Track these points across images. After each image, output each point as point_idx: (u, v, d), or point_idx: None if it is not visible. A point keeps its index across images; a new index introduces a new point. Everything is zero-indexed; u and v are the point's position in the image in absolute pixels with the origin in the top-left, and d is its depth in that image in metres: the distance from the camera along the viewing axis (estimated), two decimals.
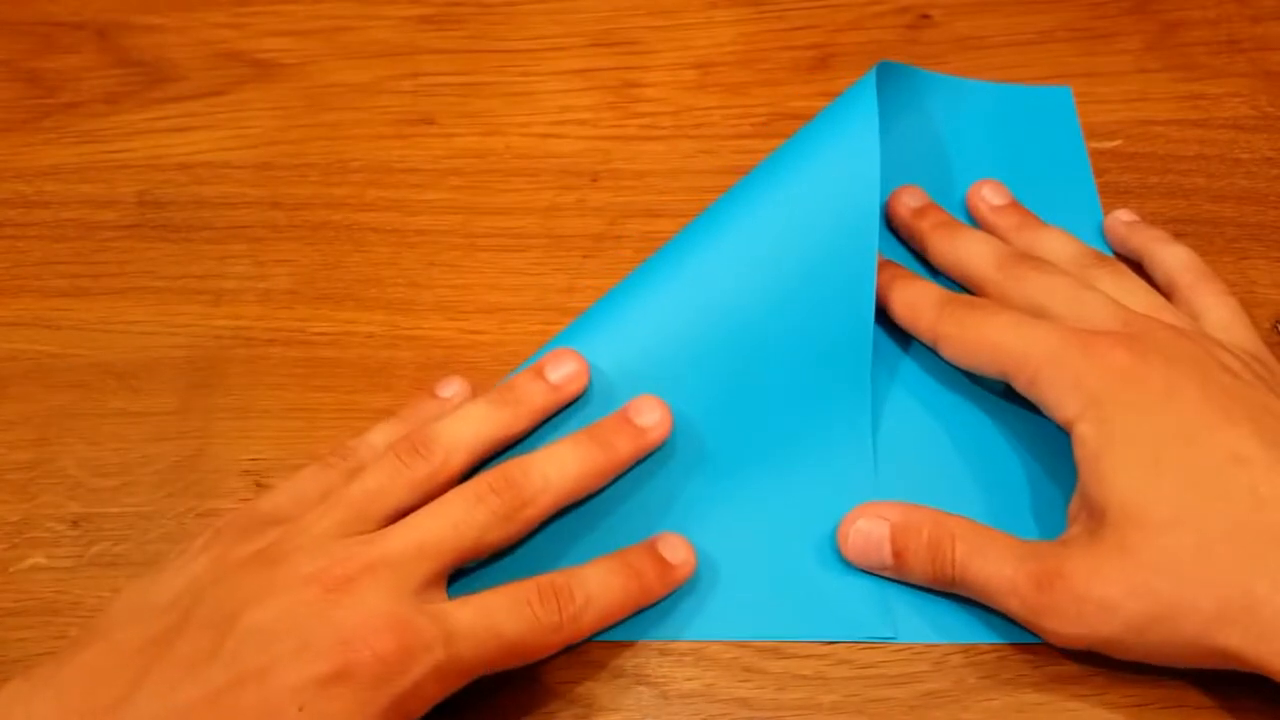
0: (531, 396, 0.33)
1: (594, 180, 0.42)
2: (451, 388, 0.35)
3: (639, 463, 0.34)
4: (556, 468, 0.31)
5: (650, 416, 0.33)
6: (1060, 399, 0.30)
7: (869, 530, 0.32)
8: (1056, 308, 0.32)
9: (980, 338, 0.33)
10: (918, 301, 0.35)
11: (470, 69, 0.45)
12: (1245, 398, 0.29)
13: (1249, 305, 0.38)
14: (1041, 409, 0.32)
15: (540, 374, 0.34)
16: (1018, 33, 0.44)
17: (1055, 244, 0.36)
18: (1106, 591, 0.28)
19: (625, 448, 0.33)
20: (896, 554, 0.31)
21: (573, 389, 0.34)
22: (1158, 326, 0.31)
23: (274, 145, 0.43)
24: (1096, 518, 0.29)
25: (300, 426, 0.37)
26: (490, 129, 0.43)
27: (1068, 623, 0.28)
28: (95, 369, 0.38)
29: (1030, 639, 0.32)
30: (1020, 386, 0.32)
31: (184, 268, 0.40)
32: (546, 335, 0.38)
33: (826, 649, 0.32)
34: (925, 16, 0.45)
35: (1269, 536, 0.27)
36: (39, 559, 0.35)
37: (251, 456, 0.36)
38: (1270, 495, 0.27)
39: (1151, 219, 0.40)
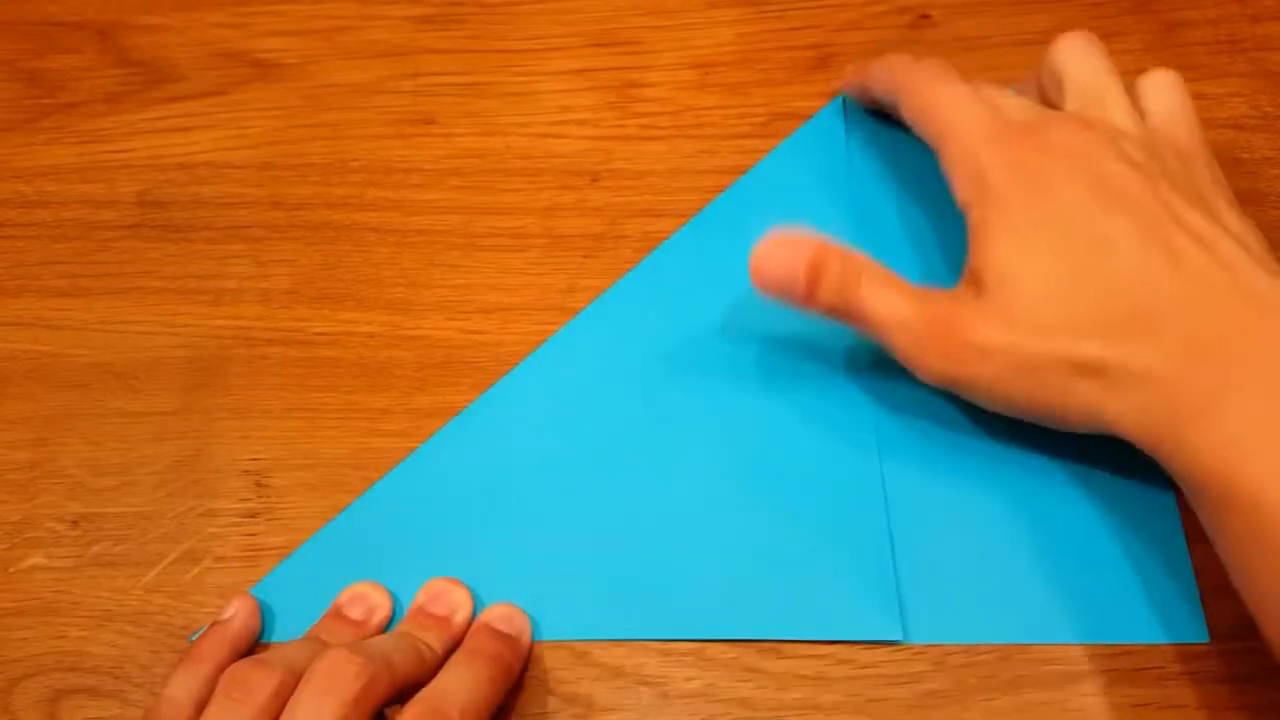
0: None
1: (594, 180, 0.42)
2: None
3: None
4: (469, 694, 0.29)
5: (515, 626, 0.33)
6: (962, 183, 0.33)
7: (786, 256, 0.32)
8: (997, 99, 0.34)
9: (926, 102, 0.35)
10: (896, 59, 0.37)
11: (470, 69, 0.45)
12: (1131, 192, 0.31)
13: None
14: (949, 183, 0.34)
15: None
16: (1018, 33, 0.44)
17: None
18: (986, 340, 0.30)
19: (506, 654, 0.31)
20: (809, 281, 0.32)
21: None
22: (1068, 122, 0.33)
23: (274, 145, 0.43)
24: (979, 285, 0.31)
25: (300, 426, 0.37)
26: (490, 129, 0.43)
27: (947, 362, 0.31)
28: (95, 369, 0.38)
29: (1032, 639, 0.32)
30: (940, 160, 0.34)
31: (184, 268, 0.40)
32: (546, 335, 0.38)
33: (827, 649, 0.32)
34: (925, 16, 0.45)
35: (1125, 314, 0.29)
36: (39, 559, 0.35)
37: (251, 456, 0.36)
38: (1132, 279, 0.30)
39: None
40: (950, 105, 0.34)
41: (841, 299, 0.32)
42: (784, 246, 0.33)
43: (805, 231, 0.33)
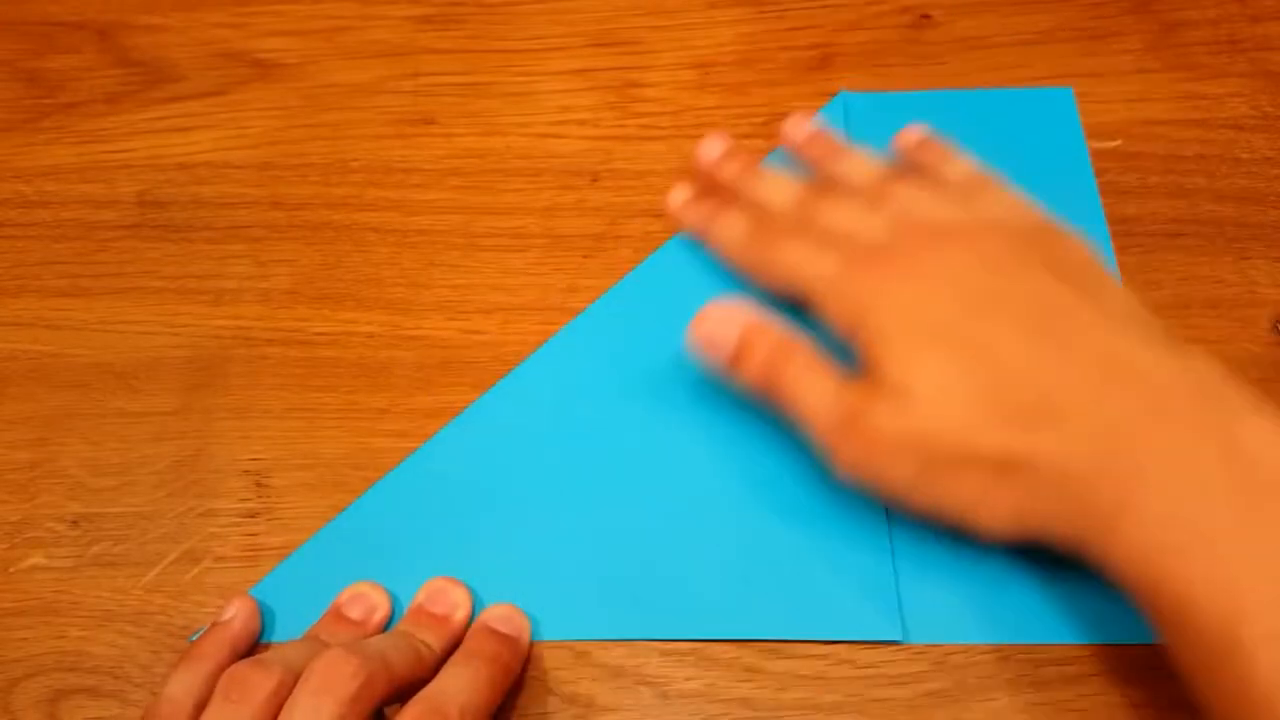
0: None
1: (594, 180, 0.42)
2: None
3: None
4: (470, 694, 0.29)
5: (514, 626, 0.32)
6: (839, 318, 0.33)
7: (719, 326, 0.33)
8: (841, 231, 0.34)
9: (772, 267, 0.35)
10: (728, 234, 0.37)
11: (470, 69, 0.45)
12: (1001, 291, 0.31)
13: (1249, 305, 0.38)
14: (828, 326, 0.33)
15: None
16: (1018, 32, 0.44)
17: (857, 168, 0.37)
18: (896, 435, 0.30)
19: (506, 654, 0.31)
20: (736, 354, 0.33)
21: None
22: (925, 238, 0.33)
23: (274, 145, 0.43)
24: (885, 396, 0.31)
25: (300, 426, 0.37)
26: (490, 129, 0.43)
27: (861, 459, 0.31)
28: (95, 369, 0.38)
29: (1032, 639, 0.32)
30: (811, 310, 0.34)
31: (184, 268, 0.40)
32: (546, 335, 0.38)
33: (827, 649, 0.32)
34: (926, 16, 0.45)
35: (1025, 407, 0.29)
36: (39, 559, 0.35)
37: (251, 456, 0.36)
38: (1024, 372, 0.29)
39: (1152, 219, 0.40)
40: (799, 265, 0.34)
41: (766, 378, 0.32)
42: (722, 314, 0.33)
43: (746, 309, 0.33)
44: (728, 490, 0.35)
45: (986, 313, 0.31)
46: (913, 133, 0.38)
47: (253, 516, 0.35)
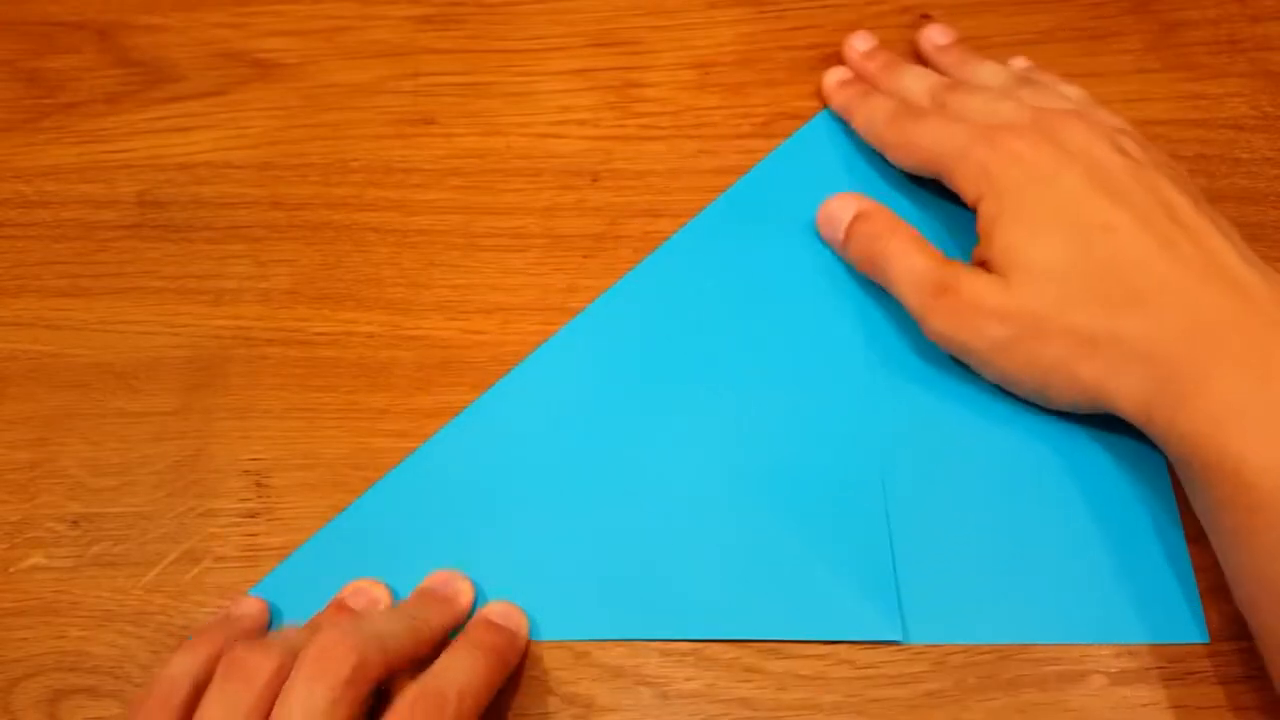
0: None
1: (594, 180, 0.42)
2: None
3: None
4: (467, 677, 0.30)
5: (512, 622, 0.33)
6: (968, 184, 0.35)
7: (839, 206, 0.38)
8: (975, 116, 0.37)
9: (911, 142, 0.38)
10: (873, 115, 0.40)
11: (470, 69, 0.45)
12: (1125, 182, 0.33)
13: None
14: (958, 194, 0.36)
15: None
16: (1018, 32, 0.44)
17: (989, 72, 0.40)
18: (992, 305, 0.33)
19: (504, 646, 0.32)
20: (849, 229, 0.37)
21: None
22: (1059, 117, 0.35)
23: (274, 145, 0.43)
24: (991, 266, 0.34)
25: (300, 426, 0.37)
26: (490, 129, 0.43)
27: (952, 323, 0.34)
28: (95, 369, 0.38)
29: (1032, 639, 0.32)
30: (944, 180, 0.37)
31: (184, 268, 0.40)
32: (546, 335, 0.38)
33: (827, 649, 0.32)
34: (925, 16, 0.45)
35: (1124, 293, 0.31)
36: (39, 559, 0.35)
37: (251, 456, 0.36)
38: (1130, 261, 0.32)
39: None
40: (933, 136, 0.37)
41: (870, 249, 0.36)
42: (843, 198, 0.38)
43: (863, 198, 0.38)
44: (727, 490, 0.35)
45: (1109, 194, 0.33)
46: (1021, 59, 0.42)
47: (253, 516, 0.35)
